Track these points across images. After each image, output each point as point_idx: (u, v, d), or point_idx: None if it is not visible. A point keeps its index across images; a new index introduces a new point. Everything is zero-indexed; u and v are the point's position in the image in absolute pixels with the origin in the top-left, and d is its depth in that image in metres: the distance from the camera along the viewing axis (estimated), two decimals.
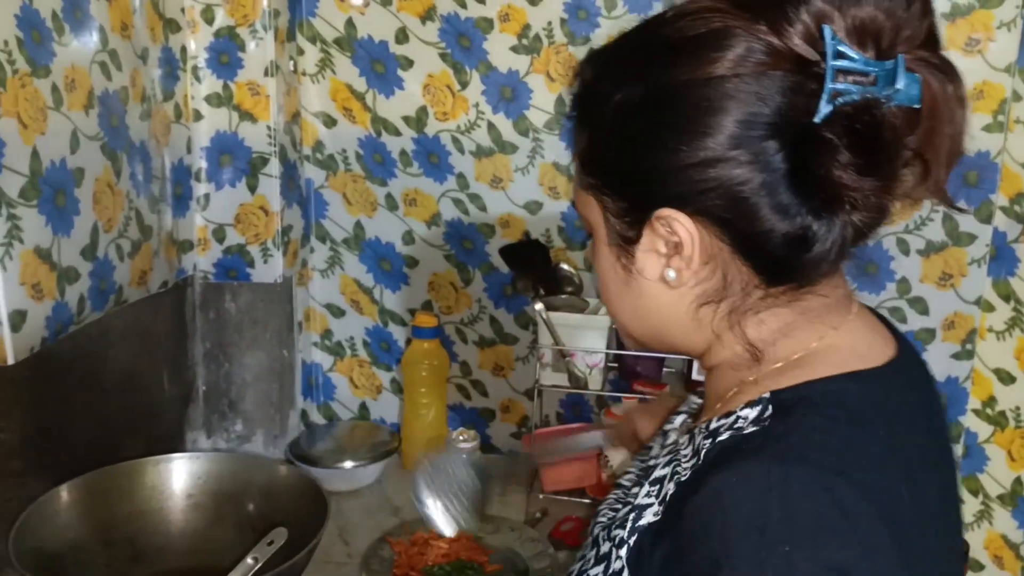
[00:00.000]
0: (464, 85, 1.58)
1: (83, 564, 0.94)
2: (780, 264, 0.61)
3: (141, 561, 1.02)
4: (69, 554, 0.97)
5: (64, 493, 1.00)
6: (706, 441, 0.62)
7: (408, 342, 1.67)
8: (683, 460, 0.63)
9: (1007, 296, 1.56)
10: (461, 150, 1.61)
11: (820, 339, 0.64)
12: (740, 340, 0.65)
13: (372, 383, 1.76)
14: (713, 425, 0.63)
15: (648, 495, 0.64)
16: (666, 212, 0.61)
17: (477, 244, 1.65)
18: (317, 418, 1.79)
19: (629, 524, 0.64)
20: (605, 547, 0.66)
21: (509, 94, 1.58)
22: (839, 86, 0.54)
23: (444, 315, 1.70)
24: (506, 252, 1.47)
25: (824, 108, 0.54)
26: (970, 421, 1.63)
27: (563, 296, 1.46)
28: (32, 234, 1.06)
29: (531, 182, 1.61)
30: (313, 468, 1.47)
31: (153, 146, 1.37)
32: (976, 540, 1.67)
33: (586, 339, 1.42)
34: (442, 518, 0.94)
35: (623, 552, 0.63)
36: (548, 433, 1.49)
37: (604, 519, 0.71)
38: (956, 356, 1.55)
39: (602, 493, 1.40)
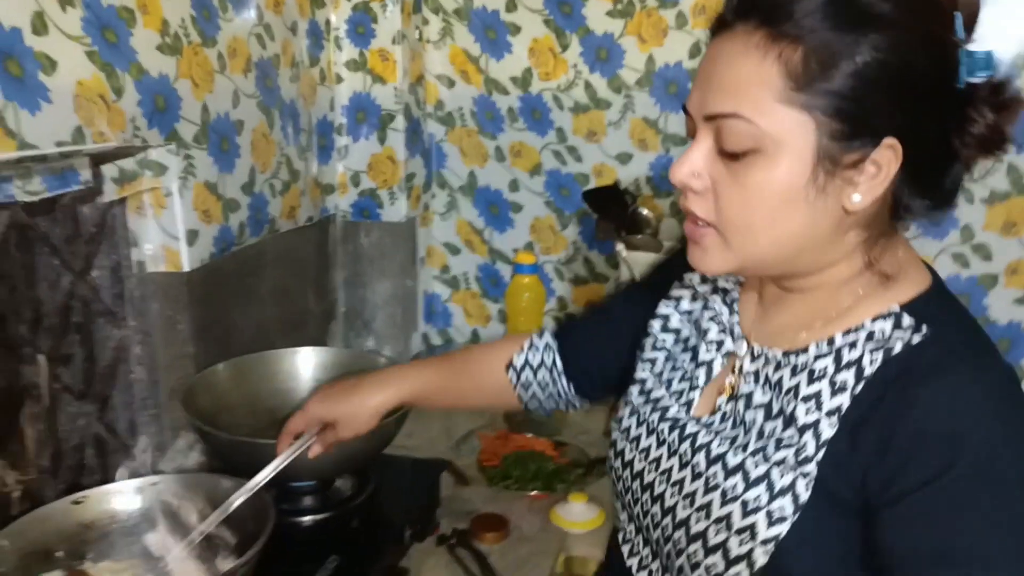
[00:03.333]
0: (564, 48, 1.78)
1: (233, 424, 1.23)
2: (939, 195, 0.70)
3: (276, 427, 1.31)
4: (224, 414, 1.27)
5: (221, 368, 1.32)
6: (856, 362, 0.71)
7: (512, 277, 1.90)
8: (834, 374, 0.72)
9: None
10: (561, 107, 1.81)
11: (903, 258, 0.74)
12: (866, 259, 0.72)
13: (482, 313, 2.01)
14: (841, 341, 0.72)
15: (808, 412, 0.72)
16: (892, 142, 0.65)
17: (574, 192, 1.85)
18: (436, 341, 2.06)
19: (790, 438, 0.72)
20: (759, 470, 0.73)
21: (604, 55, 1.76)
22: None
23: (543, 255, 1.91)
24: (588, 196, 1.66)
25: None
26: None
27: (640, 236, 1.63)
28: (203, 171, 1.36)
29: (623, 135, 1.79)
30: None
31: (301, 104, 1.67)
32: None
33: None
34: None
35: (806, 470, 0.70)
36: None
37: (718, 445, 0.78)
38: (1019, 301, 1.59)
39: None
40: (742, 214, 0.70)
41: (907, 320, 0.70)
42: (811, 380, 0.73)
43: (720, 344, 0.84)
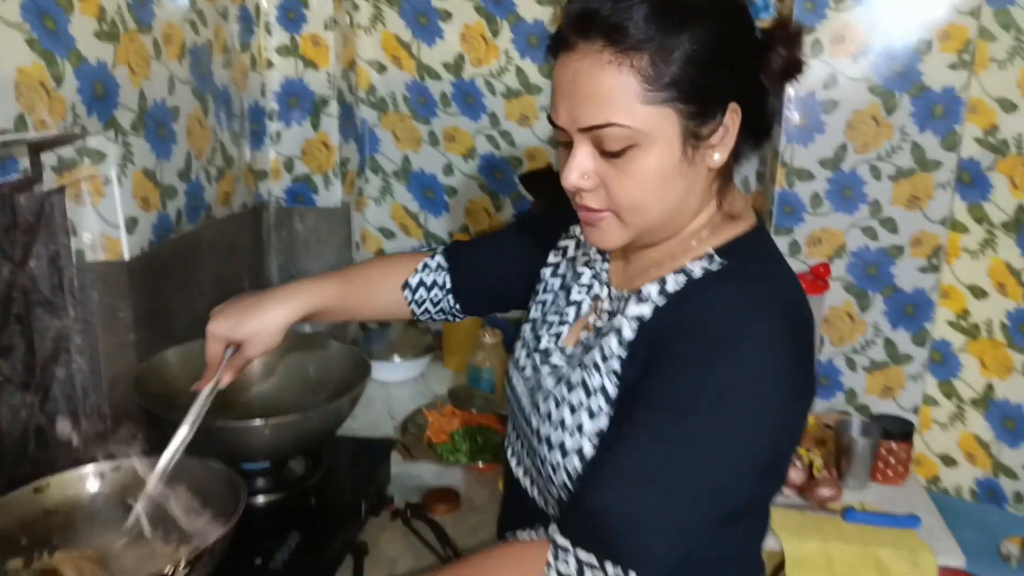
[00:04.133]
0: (495, 34, 1.82)
1: (182, 407, 1.24)
2: (765, 131, 0.85)
3: (227, 412, 1.32)
4: (174, 399, 1.27)
5: (170, 354, 1.32)
6: (665, 285, 0.84)
7: None
8: (638, 302, 0.85)
9: (980, 219, 1.74)
10: (493, 92, 1.86)
11: (739, 198, 0.88)
12: (718, 203, 0.85)
13: None
14: (670, 277, 0.84)
15: (616, 322, 0.85)
16: (734, 106, 0.79)
17: (507, 175, 1.91)
18: (372, 324, 2.08)
19: (607, 347, 0.84)
20: (576, 376, 0.86)
21: (535, 41, 1.81)
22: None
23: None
24: (524, 179, 1.72)
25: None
26: (945, 331, 1.82)
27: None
28: (141, 158, 1.36)
29: None
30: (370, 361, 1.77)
31: (233, 90, 1.66)
32: (950, 440, 1.87)
33: None
34: None
35: (611, 365, 0.83)
36: None
37: (566, 368, 0.90)
38: (922, 270, 1.73)
39: None
40: (633, 197, 0.80)
41: (717, 258, 0.84)
42: (619, 309, 0.87)
43: (589, 288, 0.96)
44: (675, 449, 0.77)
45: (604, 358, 0.84)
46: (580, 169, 0.80)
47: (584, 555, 0.76)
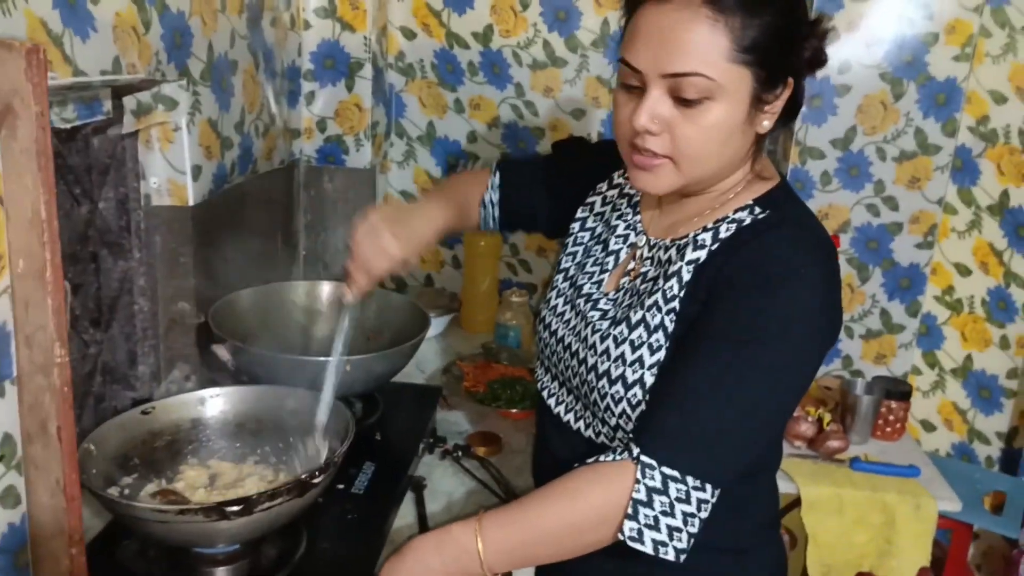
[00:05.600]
0: (525, 7, 1.89)
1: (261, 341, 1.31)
2: (796, 110, 0.94)
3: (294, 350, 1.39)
4: (251, 333, 1.34)
5: (244, 294, 1.38)
6: (716, 231, 0.93)
7: None
8: (694, 248, 0.94)
9: (969, 202, 1.89)
10: (520, 63, 1.93)
11: (765, 162, 0.98)
12: (751, 164, 0.95)
13: (436, 258, 2.12)
14: (711, 225, 0.94)
15: (673, 264, 0.94)
16: (790, 80, 0.89)
17: (530, 144, 1.99)
18: (390, 286, 2.15)
19: (668, 289, 0.93)
20: (637, 315, 0.94)
21: (563, 16, 1.89)
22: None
23: None
24: (557, 146, 1.79)
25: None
26: (931, 305, 1.96)
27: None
28: (207, 108, 1.40)
29: (578, 92, 1.93)
30: None
31: (276, 49, 1.71)
32: (931, 406, 2.03)
33: None
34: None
35: (671, 305, 0.92)
36: None
37: (614, 310, 0.99)
38: (918, 246, 1.87)
39: None
40: (696, 147, 0.88)
41: (757, 209, 0.94)
42: (676, 256, 0.95)
43: (626, 238, 1.05)
44: (741, 373, 0.87)
45: (666, 299, 0.93)
46: (652, 112, 0.87)
47: (668, 470, 0.86)
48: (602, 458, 0.92)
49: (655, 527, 0.85)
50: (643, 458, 0.87)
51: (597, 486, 0.90)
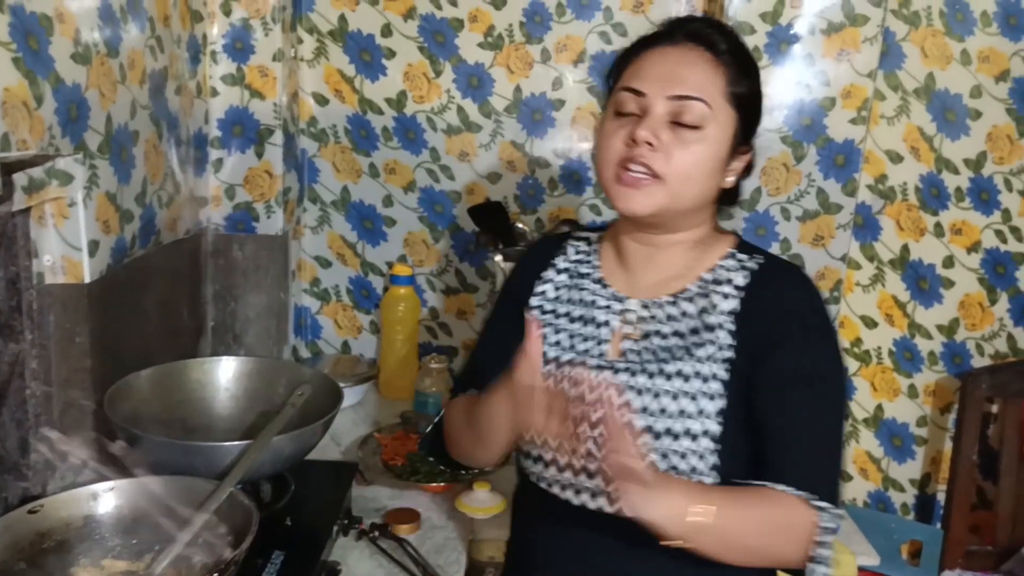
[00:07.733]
0: (438, 74, 1.90)
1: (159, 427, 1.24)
2: (749, 173, 1.10)
3: (189, 435, 1.32)
4: (145, 419, 1.27)
5: (143, 375, 1.31)
6: (725, 276, 1.05)
7: (385, 289, 1.99)
8: (717, 293, 1.04)
9: (871, 257, 1.95)
10: (434, 128, 1.93)
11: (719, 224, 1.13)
12: (712, 223, 1.09)
13: (353, 324, 2.08)
14: (708, 277, 1.06)
15: (712, 316, 1.03)
16: (750, 148, 1.06)
17: (446, 208, 1.98)
18: (305, 354, 2.10)
19: (717, 339, 1.01)
20: (690, 368, 1.01)
21: (476, 83, 1.91)
22: None
23: (417, 268, 2.02)
24: (473, 211, 1.79)
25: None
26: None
27: (518, 248, 1.79)
28: (104, 181, 1.35)
29: (492, 156, 1.94)
30: None
31: (181, 117, 1.67)
32: (846, 456, 2.06)
33: None
34: None
35: (724, 355, 1.01)
36: None
37: (648, 367, 1.03)
38: (826, 301, 1.92)
39: None
40: (688, 169, 0.99)
41: (740, 255, 1.07)
42: (702, 301, 1.05)
43: (609, 307, 1.10)
44: (831, 409, 1.01)
45: (720, 348, 1.01)
46: (653, 128, 0.98)
47: (833, 510, 0.96)
48: (780, 487, 0.96)
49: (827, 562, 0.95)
50: (814, 502, 0.94)
51: (777, 511, 0.95)
